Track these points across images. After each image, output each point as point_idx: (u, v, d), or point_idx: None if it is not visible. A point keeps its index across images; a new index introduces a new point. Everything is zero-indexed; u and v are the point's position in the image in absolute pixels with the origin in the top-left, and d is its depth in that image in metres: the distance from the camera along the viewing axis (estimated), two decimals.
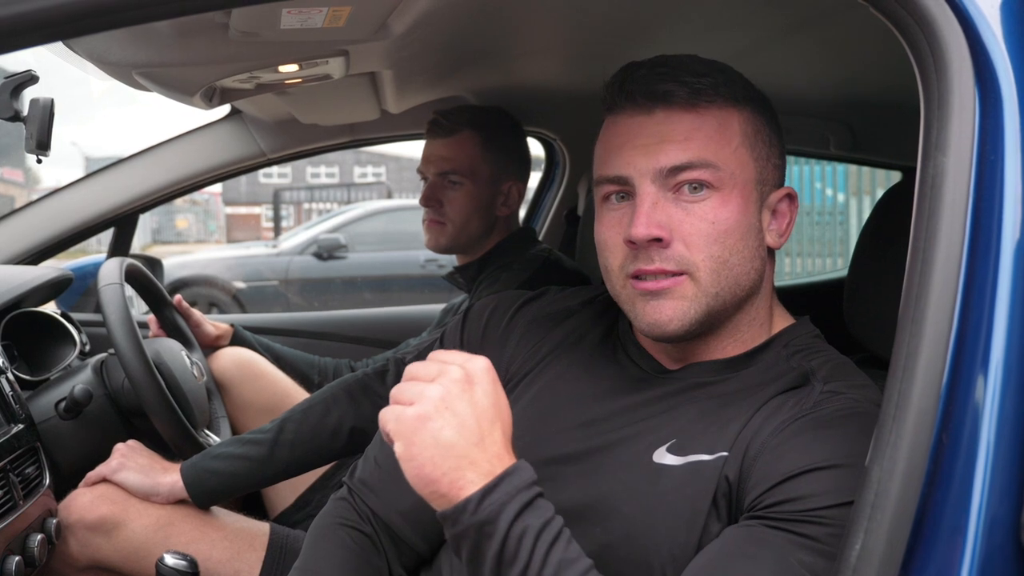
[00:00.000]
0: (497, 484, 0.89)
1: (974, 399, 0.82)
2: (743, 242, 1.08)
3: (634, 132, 1.10)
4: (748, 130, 1.10)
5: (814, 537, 0.92)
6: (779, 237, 1.13)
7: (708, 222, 1.06)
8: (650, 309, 1.08)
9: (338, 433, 1.66)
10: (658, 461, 1.06)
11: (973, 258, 0.83)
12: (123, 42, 1.32)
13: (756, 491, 0.98)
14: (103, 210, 2.38)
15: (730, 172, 1.07)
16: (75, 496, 1.64)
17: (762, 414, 1.04)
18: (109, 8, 0.86)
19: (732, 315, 1.12)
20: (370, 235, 9.45)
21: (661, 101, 1.08)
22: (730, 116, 1.09)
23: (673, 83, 1.07)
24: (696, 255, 1.06)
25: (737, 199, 1.08)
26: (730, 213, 1.07)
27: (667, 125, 1.08)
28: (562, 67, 2.05)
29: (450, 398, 0.91)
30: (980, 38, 0.87)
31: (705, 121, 1.08)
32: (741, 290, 1.10)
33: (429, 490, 0.90)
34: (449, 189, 2.05)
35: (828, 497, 0.93)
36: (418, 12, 1.31)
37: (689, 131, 1.07)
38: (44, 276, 2.04)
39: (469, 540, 0.89)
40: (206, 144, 2.45)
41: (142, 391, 1.73)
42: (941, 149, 0.85)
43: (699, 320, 1.08)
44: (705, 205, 1.07)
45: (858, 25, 1.19)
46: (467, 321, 1.34)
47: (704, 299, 1.07)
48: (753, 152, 1.10)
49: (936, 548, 0.81)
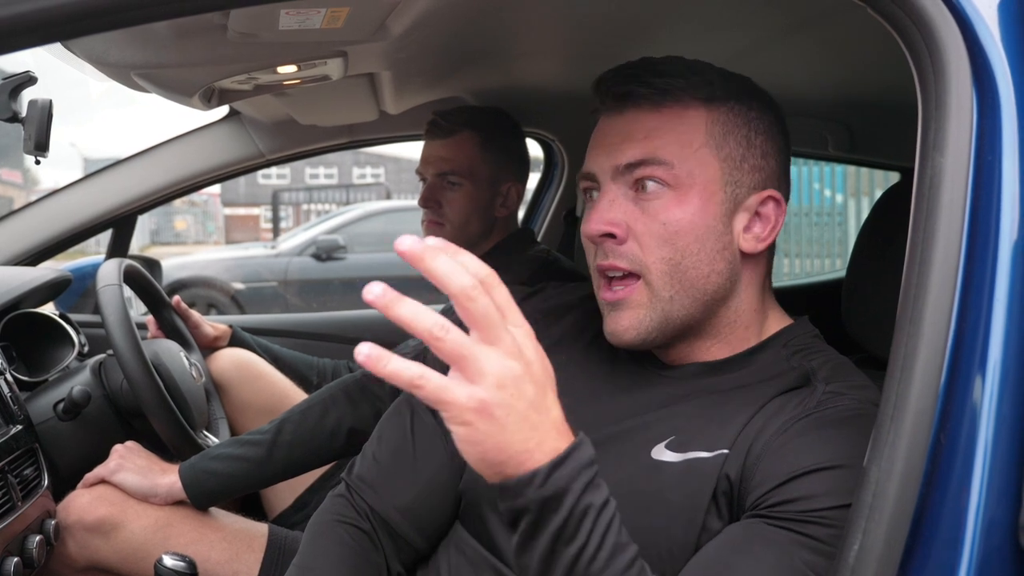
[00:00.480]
0: (565, 459, 0.82)
1: (972, 399, 0.82)
2: (698, 244, 1.07)
3: (605, 131, 1.12)
4: (716, 130, 1.09)
5: (816, 537, 0.92)
6: (758, 242, 1.11)
7: (659, 222, 1.07)
8: (611, 320, 1.11)
9: (336, 434, 1.66)
10: (656, 458, 1.05)
11: (971, 258, 0.83)
12: (121, 43, 1.32)
13: (759, 490, 0.97)
14: (101, 211, 2.38)
15: (687, 171, 1.07)
16: (74, 497, 1.64)
17: (764, 414, 1.04)
18: (107, 9, 0.86)
19: (704, 320, 1.11)
20: (369, 236, 9.44)
21: (629, 101, 1.10)
22: (696, 116, 1.09)
23: (637, 83, 1.09)
24: (648, 256, 1.07)
25: (694, 200, 1.07)
26: (683, 214, 1.07)
27: (633, 124, 1.10)
28: (561, 68, 2.05)
29: (519, 378, 0.80)
30: (978, 39, 0.87)
31: (667, 120, 1.09)
32: (701, 294, 1.09)
33: (491, 469, 0.82)
34: (448, 190, 2.05)
35: (831, 498, 0.92)
36: (417, 13, 1.31)
37: (650, 130, 1.08)
38: (43, 277, 2.03)
39: (530, 515, 0.83)
40: (204, 145, 2.45)
41: (141, 392, 1.73)
42: (939, 149, 0.85)
43: (656, 328, 1.09)
44: (658, 203, 1.07)
45: (857, 26, 1.19)
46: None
47: (659, 304, 1.08)
48: (720, 152, 1.09)
49: (934, 548, 0.81)
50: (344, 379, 1.78)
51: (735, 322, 1.13)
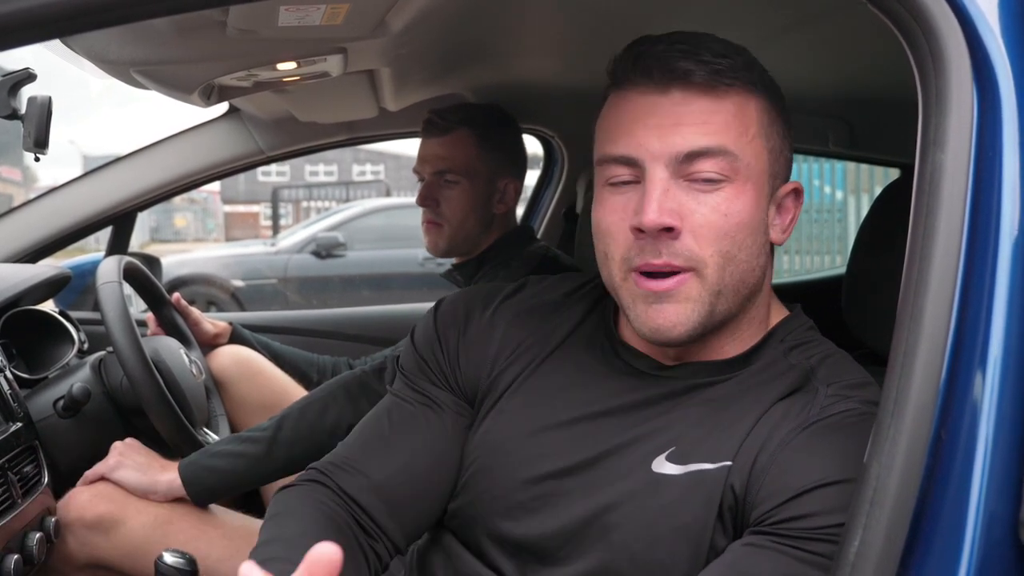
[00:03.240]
0: None
1: (972, 395, 0.82)
2: (752, 237, 1.02)
3: (647, 111, 1.02)
4: (764, 119, 1.04)
5: (823, 555, 0.90)
6: (782, 233, 1.09)
7: (721, 214, 1.00)
8: (653, 313, 1.01)
9: (336, 431, 1.66)
10: (657, 470, 1.02)
11: (971, 254, 0.83)
12: (121, 40, 1.32)
13: (765, 506, 0.95)
14: (101, 208, 2.38)
15: (746, 162, 1.01)
16: (74, 494, 1.64)
17: (767, 422, 1.01)
18: (107, 5, 0.86)
19: (734, 315, 1.06)
20: (369, 233, 9.44)
21: (679, 79, 1.00)
22: (748, 102, 1.03)
23: (693, 61, 1.00)
24: (705, 250, 1.00)
25: (751, 192, 1.02)
26: (743, 206, 1.01)
27: (684, 106, 1.00)
28: (561, 64, 2.05)
29: None
30: (978, 35, 0.87)
31: (723, 105, 1.01)
32: (745, 288, 1.04)
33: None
34: (445, 188, 2.04)
35: (839, 515, 0.89)
36: (416, 9, 1.31)
37: (707, 114, 1.00)
38: (42, 274, 2.04)
39: None
40: (204, 142, 2.45)
41: (140, 389, 1.73)
42: (939, 146, 0.85)
43: (702, 323, 1.02)
44: (719, 196, 1.00)
45: (858, 23, 1.19)
46: (440, 315, 1.22)
47: (708, 298, 1.01)
48: (768, 143, 1.04)
49: (935, 544, 0.81)
50: (344, 376, 1.78)
51: (754, 318, 1.09)
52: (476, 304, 1.21)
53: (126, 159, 2.44)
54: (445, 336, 1.20)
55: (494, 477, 1.11)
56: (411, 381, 1.21)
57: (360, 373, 1.81)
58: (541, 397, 1.13)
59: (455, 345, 1.19)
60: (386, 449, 1.16)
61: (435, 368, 1.19)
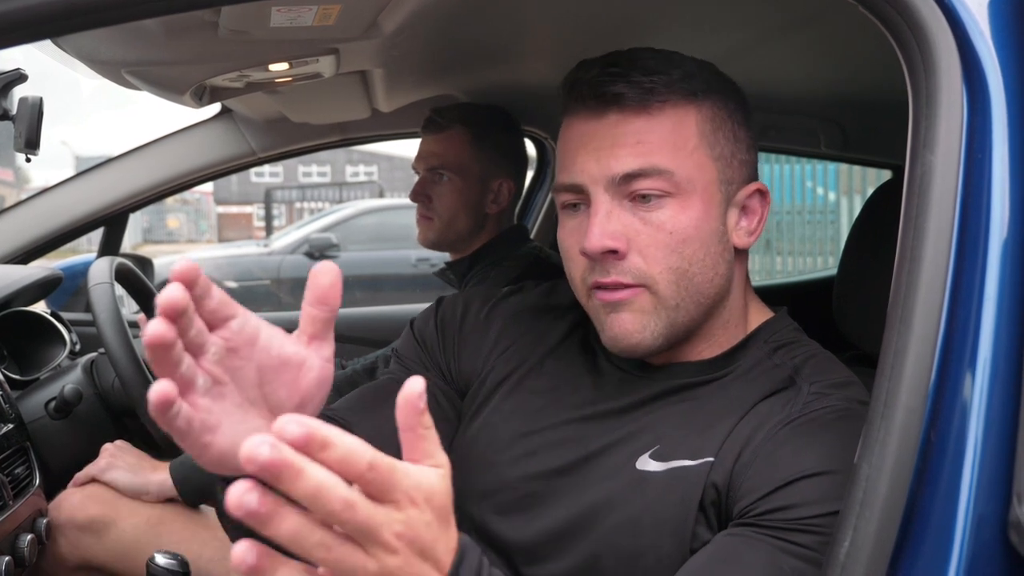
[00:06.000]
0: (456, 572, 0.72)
1: (962, 397, 0.82)
2: (704, 249, 1.03)
3: (587, 136, 1.05)
4: (706, 128, 1.04)
5: (805, 545, 0.91)
6: (748, 236, 1.09)
7: (666, 232, 1.01)
8: (611, 322, 1.04)
9: None
10: (641, 468, 1.03)
11: (961, 256, 0.84)
12: (113, 40, 1.32)
13: (748, 499, 0.96)
14: (93, 209, 2.38)
15: (687, 176, 1.02)
16: (65, 496, 1.64)
17: (750, 420, 1.02)
18: (98, 6, 0.86)
19: (702, 323, 1.08)
20: (362, 234, 9.44)
21: (613, 104, 1.02)
22: (686, 114, 1.03)
23: (624, 83, 1.01)
24: (653, 268, 1.02)
25: (697, 205, 1.03)
26: (688, 220, 1.02)
27: (619, 128, 1.02)
28: (553, 66, 2.04)
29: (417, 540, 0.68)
30: (968, 37, 0.87)
31: (658, 123, 1.02)
32: (706, 299, 1.05)
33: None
34: (437, 184, 2.05)
35: (820, 505, 0.91)
36: (409, 10, 1.31)
37: (641, 134, 1.02)
38: (34, 275, 2.03)
39: None
40: (196, 143, 2.44)
41: (132, 391, 1.72)
42: (929, 147, 0.85)
43: (663, 334, 1.04)
44: (662, 213, 1.02)
45: (849, 25, 1.20)
46: (441, 308, 1.26)
47: (664, 312, 1.03)
48: (713, 151, 1.04)
49: (924, 546, 0.81)
50: (335, 376, 1.77)
51: (727, 321, 1.10)
52: (475, 302, 1.25)
53: (118, 160, 2.43)
54: (444, 327, 1.23)
55: (483, 475, 1.12)
56: (406, 365, 1.23)
57: (351, 373, 1.81)
58: (532, 398, 1.15)
59: (454, 337, 1.22)
60: (372, 411, 1.15)
61: (431, 355, 1.23)
